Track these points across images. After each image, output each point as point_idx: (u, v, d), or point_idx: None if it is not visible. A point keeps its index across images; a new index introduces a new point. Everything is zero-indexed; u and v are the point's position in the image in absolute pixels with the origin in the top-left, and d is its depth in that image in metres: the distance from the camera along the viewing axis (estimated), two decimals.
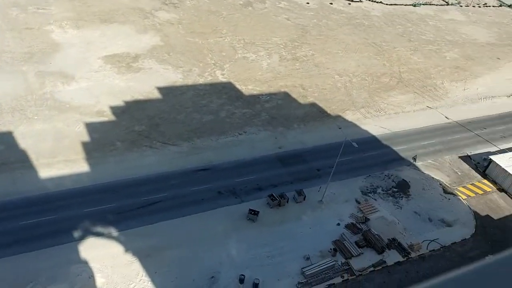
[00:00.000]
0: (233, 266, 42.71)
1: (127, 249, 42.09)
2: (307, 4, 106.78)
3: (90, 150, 52.13)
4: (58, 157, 50.15)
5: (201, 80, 69.81)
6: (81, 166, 49.68)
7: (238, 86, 70.47)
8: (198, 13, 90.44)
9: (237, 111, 64.87)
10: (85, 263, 40.05)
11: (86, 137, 53.76)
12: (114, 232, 43.43)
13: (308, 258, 44.92)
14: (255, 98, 68.51)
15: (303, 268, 43.70)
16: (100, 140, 53.94)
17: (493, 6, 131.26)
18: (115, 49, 72.25)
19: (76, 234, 42.38)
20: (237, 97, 67.79)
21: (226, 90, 68.87)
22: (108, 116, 58.04)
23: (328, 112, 69.05)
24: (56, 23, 75.62)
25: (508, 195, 59.06)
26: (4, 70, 61.82)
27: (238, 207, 49.15)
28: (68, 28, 75.17)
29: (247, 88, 70.62)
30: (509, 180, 59.05)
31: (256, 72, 75.24)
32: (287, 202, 50.56)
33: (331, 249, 46.47)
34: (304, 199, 51.41)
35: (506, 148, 67.42)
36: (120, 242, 42.64)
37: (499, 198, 58.65)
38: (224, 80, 71.21)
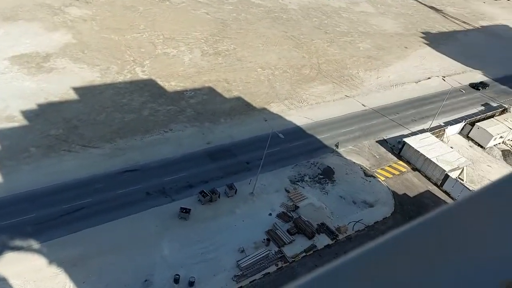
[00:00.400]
0: (167, 266, 41.92)
1: (50, 261, 39.50)
2: None
3: (1, 158, 47.95)
4: None
5: (120, 78, 67.08)
6: None
7: (160, 82, 68.76)
8: (112, 9, 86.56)
9: (161, 108, 63.33)
10: (3, 280, 36.94)
11: None
12: (35, 244, 40.50)
13: (242, 251, 45.40)
14: (179, 94, 67.35)
15: (238, 260, 44.10)
16: (12, 147, 49.80)
17: None
18: (23, 49, 66.90)
19: None
20: (160, 94, 66.16)
21: (148, 87, 66.89)
22: (20, 121, 53.70)
23: (254, 105, 69.94)
24: None
25: (421, 174, 64.28)
26: None
27: (169, 207, 48.22)
28: None
29: (170, 84, 69.18)
30: (421, 160, 64.24)
31: (178, 68, 73.93)
32: (219, 197, 50.58)
33: (264, 239, 47.38)
34: (235, 192, 51.75)
35: (417, 131, 73.18)
36: (43, 254, 39.90)
37: (413, 177, 63.61)
38: (145, 77, 69.07)
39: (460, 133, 76.65)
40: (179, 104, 65.28)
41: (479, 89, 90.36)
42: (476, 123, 75.53)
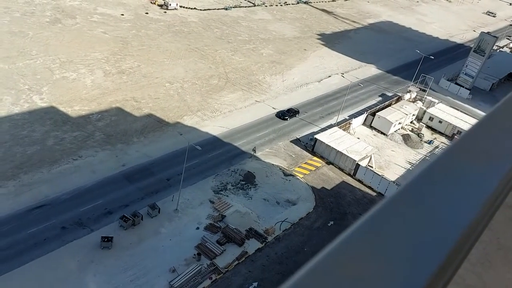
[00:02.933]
0: None
1: None
2: (122, 16, 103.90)
3: None
4: None
5: (16, 109, 61.94)
6: None
7: (62, 108, 64.69)
8: None
9: (66, 135, 59.60)
10: None
11: None
12: None
13: (174, 270, 44.30)
14: (85, 119, 63.94)
15: (170, 281, 42.95)
16: None
17: (292, 4, 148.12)
18: None
19: None
20: (64, 121, 62.26)
21: (50, 115, 62.59)
22: None
23: (166, 120, 68.77)
24: None
25: (335, 166, 68.02)
26: None
27: (89, 238, 45.48)
28: None
29: (74, 109, 65.40)
30: (333, 153, 68.00)
31: (81, 91, 70.21)
32: (142, 219, 48.85)
33: (195, 254, 46.72)
34: (159, 212, 50.38)
35: (326, 126, 77.34)
36: None
37: (328, 171, 67.08)
38: (44, 105, 64.53)
39: (364, 123, 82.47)
40: (85, 128, 61.97)
41: (287, 119, 75.64)
42: (377, 113, 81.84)
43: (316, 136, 70.26)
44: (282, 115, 76.12)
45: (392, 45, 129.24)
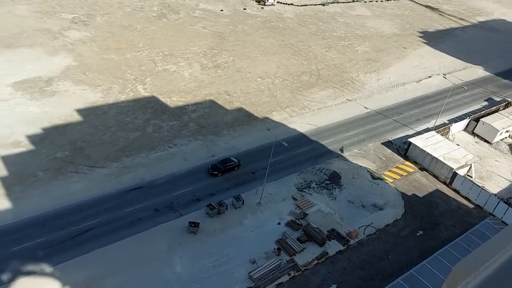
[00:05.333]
0: (180, 282, 41.81)
1: (64, 284, 39.53)
2: (221, 12, 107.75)
3: (9, 184, 48.29)
4: None
5: (123, 97, 67.62)
6: (1, 203, 45.85)
7: (162, 99, 69.22)
8: (111, 29, 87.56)
9: (164, 124, 63.68)
10: None
11: (3, 171, 49.72)
12: (47, 268, 40.57)
13: (254, 262, 45.21)
14: (181, 109, 67.72)
15: (250, 272, 43.90)
16: (19, 172, 50.17)
17: (394, 0, 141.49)
18: (25, 74, 67.71)
19: (5, 277, 38.99)
20: (163, 110, 66.57)
21: (151, 104, 67.34)
22: (26, 146, 54.18)
23: (256, 115, 70.14)
24: None
25: (429, 173, 63.90)
26: None
27: (178, 222, 48.24)
28: None
29: (172, 100, 69.62)
30: (428, 159, 63.91)
31: (179, 83, 74.43)
32: (226, 209, 50.55)
33: (275, 249, 47.18)
34: (242, 203, 51.70)
35: (422, 130, 72.94)
36: (55, 278, 39.93)
37: (421, 177, 63.26)
38: (147, 94, 69.58)
39: (465, 129, 76.30)
40: (181, 119, 65.61)
41: (217, 175, 54.39)
42: (481, 119, 75.18)
43: (411, 140, 66.58)
44: (212, 168, 54.79)
45: (504, 46, 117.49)
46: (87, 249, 42.99)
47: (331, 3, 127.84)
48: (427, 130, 72.00)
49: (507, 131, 75.24)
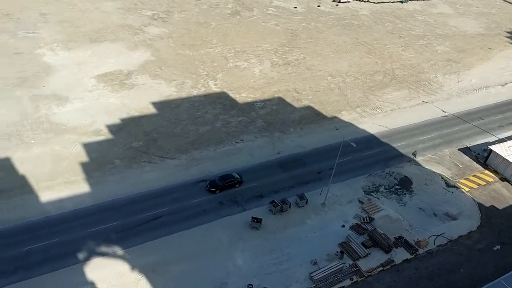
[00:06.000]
0: (241, 275, 42.35)
1: (133, 267, 41.73)
2: (295, 9, 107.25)
3: (90, 170, 51.89)
4: (57, 179, 49.88)
5: (195, 92, 69.82)
6: (82, 187, 49.41)
7: (232, 95, 70.47)
8: (187, 26, 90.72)
9: (232, 119, 64.79)
10: (91, 284, 39.64)
11: (84, 158, 53.55)
12: (119, 250, 43.07)
13: (315, 263, 44.57)
14: (249, 106, 68.47)
15: (311, 273, 43.34)
16: (98, 159, 53.72)
17: None
18: (107, 68, 72.28)
19: (81, 255, 42.00)
20: (232, 106, 67.76)
21: (221, 100, 68.85)
22: (105, 135, 57.87)
23: (324, 113, 69.02)
24: (47, 46, 75.70)
25: (511, 184, 58.87)
26: None
27: (241, 216, 48.88)
28: (59, 50, 75.25)
29: (241, 96, 70.61)
30: (510, 169, 58.92)
31: (249, 80, 75.30)
32: (290, 207, 50.31)
33: (337, 251, 46.16)
34: (306, 203, 51.16)
35: (505, 137, 67.39)
36: (126, 260, 42.28)
37: (502, 188, 58.48)
38: (217, 90, 71.23)
39: None
40: (249, 115, 66.33)
41: (214, 192, 50.88)
42: None
43: (492, 147, 61.75)
44: (210, 184, 50.82)
45: None
46: (155, 236, 44.99)
47: (410, 0, 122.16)
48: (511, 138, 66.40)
49: None
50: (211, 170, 54.44)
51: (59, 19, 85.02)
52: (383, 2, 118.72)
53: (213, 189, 50.62)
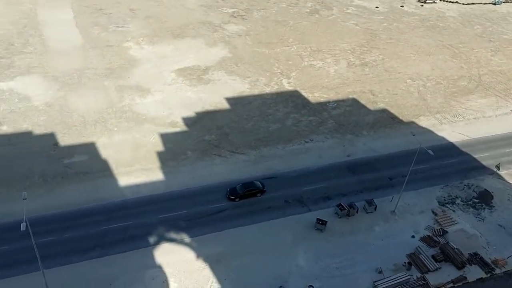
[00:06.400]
0: (302, 276, 42.17)
1: (198, 255, 43.28)
2: (376, 8, 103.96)
3: (165, 159, 54.58)
4: (135, 166, 53.10)
5: (267, 89, 70.49)
6: (156, 175, 52.15)
7: (304, 94, 70.15)
8: (265, 24, 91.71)
9: (303, 119, 64.50)
10: (159, 267, 41.75)
11: (160, 147, 56.43)
12: (186, 238, 44.90)
13: (380, 271, 43.10)
14: (321, 106, 67.70)
15: (375, 281, 41.99)
16: (173, 149, 56.32)
17: None
18: (187, 63, 75.37)
19: (151, 239, 44.39)
20: (304, 105, 67.46)
21: (293, 98, 68.83)
22: (181, 127, 60.48)
23: (400, 118, 66.28)
24: (134, 40, 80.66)
25: None
26: (88, 86, 67.00)
27: (306, 216, 48.60)
28: (144, 44, 79.81)
29: (314, 95, 70.03)
30: None
31: (323, 79, 74.42)
32: (357, 212, 49.07)
33: (405, 262, 44.24)
34: (375, 209, 49.58)
35: None
36: (192, 248, 43.96)
37: None
38: (290, 88, 71.28)
39: None
40: (321, 115, 65.58)
41: (234, 200, 49.35)
42: None
43: None
44: (231, 192, 49.43)
45: None
46: (221, 227, 46.27)
47: (503, 2, 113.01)
48: None
49: None
50: (278, 168, 54.71)
51: (146, 15, 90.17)
52: (473, 4, 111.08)
53: (232, 197, 48.94)
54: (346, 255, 44.63)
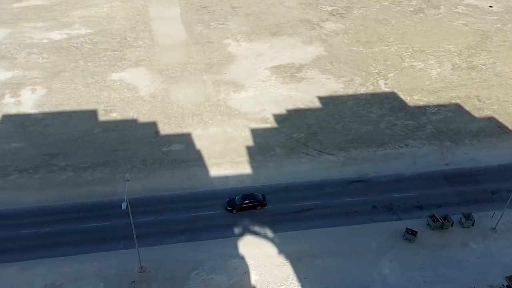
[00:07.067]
0: (385, 285, 40.53)
1: (280, 251, 43.74)
2: (490, 8, 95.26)
3: (253, 153, 55.92)
4: (226, 158, 55.20)
5: (362, 90, 68.49)
6: (244, 168, 53.66)
7: (402, 96, 66.90)
8: (365, 22, 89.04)
9: (398, 122, 61.59)
10: (242, 258, 42.99)
11: (250, 142, 57.91)
12: (269, 233, 45.61)
13: None
14: (420, 110, 64.01)
15: None
16: (262, 145, 57.45)
17: None
18: (282, 60, 76.15)
19: (236, 230, 45.84)
20: (400, 108, 64.36)
21: (389, 100, 66.03)
22: (271, 123, 61.43)
23: (510, 128, 60.22)
24: (233, 37, 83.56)
25: None
26: (188, 80, 71.02)
27: (394, 225, 46.49)
28: (242, 41, 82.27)
29: (412, 98, 66.46)
30: None
31: (424, 82, 70.25)
32: (452, 225, 45.72)
33: (503, 285, 40.29)
34: (472, 224, 45.77)
35: None
36: (274, 244, 44.55)
37: None
38: (387, 90, 68.46)
39: None
40: (419, 119, 62.04)
41: (231, 211, 47.24)
42: None
43: None
44: (228, 203, 47.69)
45: None
46: (304, 226, 46.21)
47: None
48: None
49: None
50: (368, 172, 53.01)
51: (246, 13, 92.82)
52: None
53: (230, 208, 47.26)
54: (436, 269, 41.91)
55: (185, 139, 58.31)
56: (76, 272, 40.66)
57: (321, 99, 66.41)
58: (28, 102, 64.27)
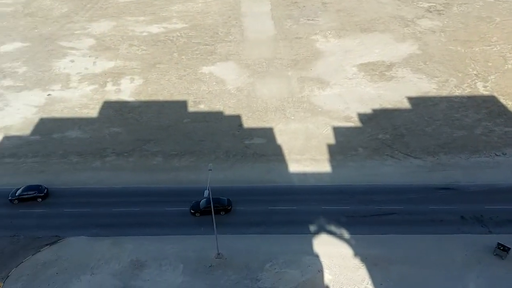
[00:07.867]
0: None
1: (355, 254, 42.75)
2: None
3: (334, 152, 55.12)
4: (305, 155, 55.09)
5: (457, 92, 64.00)
6: (324, 166, 53.13)
7: (502, 100, 61.36)
8: (465, 20, 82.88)
9: (497, 128, 56.62)
10: (316, 256, 42.73)
11: (331, 140, 57.15)
12: (345, 234, 44.77)
13: None
14: None
15: None
16: (344, 144, 56.39)
17: None
18: (371, 58, 73.83)
19: (312, 227, 45.64)
20: (500, 113, 59.09)
21: (487, 104, 60.95)
22: (355, 122, 59.99)
23: None
24: (321, 33, 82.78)
25: None
26: (274, 75, 71.85)
27: (484, 238, 43.00)
28: (331, 37, 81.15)
29: None
30: None
31: None
32: None
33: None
34: None
35: None
36: (350, 245, 43.65)
37: None
38: (486, 93, 63.24)
39: None
40: None
41: (194, 214, 46.94)
42: None
43: None
44: (192, 206, 47.06)
45: None
46: (383, 231, 44.62)
47: None
48: None
49: None
50: (458, 180, 49.57)
51: (337, 8, 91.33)
52: None
53: (193, 211, 46.70)
54: None
55: (267, 134, 59.20)
56: (159, 251, 43.46)
57: (410, 99, 63.32)
58: (126, 91, 69.71)
